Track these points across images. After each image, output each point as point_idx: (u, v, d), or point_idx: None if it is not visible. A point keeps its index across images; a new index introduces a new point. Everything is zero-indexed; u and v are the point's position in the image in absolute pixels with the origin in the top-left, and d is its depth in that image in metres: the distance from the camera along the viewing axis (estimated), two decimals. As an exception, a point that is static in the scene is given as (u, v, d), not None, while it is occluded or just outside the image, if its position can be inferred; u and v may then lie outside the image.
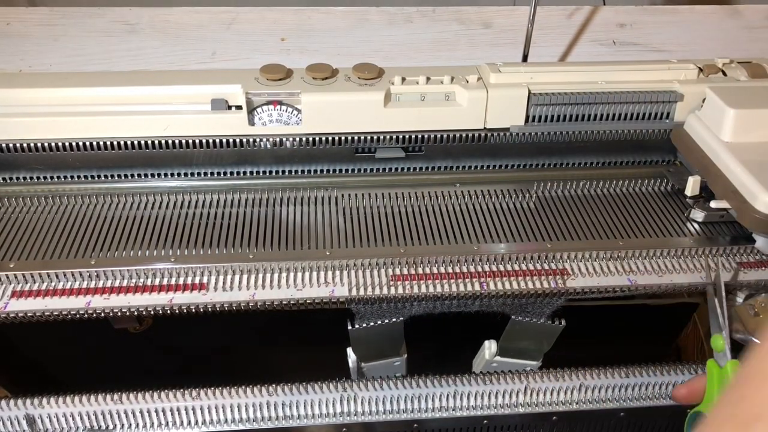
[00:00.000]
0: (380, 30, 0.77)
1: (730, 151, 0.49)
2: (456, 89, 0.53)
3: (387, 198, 0.53)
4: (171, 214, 0.51)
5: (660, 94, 0.55)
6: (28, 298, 0.44)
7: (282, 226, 0.50)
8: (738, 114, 0.50)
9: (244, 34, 0.75)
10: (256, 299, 0.44)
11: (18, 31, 0.74)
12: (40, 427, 0.43)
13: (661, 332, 0.63)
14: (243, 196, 0.53)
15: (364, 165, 0.55)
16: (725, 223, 0.50)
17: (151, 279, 0.45)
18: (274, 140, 0.53)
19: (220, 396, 0.44)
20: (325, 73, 0.53)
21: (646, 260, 0.48)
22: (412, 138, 0.54)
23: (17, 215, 0.50)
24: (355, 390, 0.45)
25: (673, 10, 0.80)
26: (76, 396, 0.44)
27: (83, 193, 0.52)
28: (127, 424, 0.44)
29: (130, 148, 0.52)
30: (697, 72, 0.55)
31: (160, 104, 0.52)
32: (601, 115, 0.55)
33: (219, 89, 0.52)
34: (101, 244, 0.48)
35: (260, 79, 0.52)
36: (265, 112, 0.52)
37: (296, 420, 0.44)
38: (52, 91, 0.51)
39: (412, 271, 0.46)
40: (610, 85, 0.54)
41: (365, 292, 0.45)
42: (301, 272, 0.46)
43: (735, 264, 0.48)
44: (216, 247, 0.48)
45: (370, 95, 0.52)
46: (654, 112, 0.55)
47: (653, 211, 0.52)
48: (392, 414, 0.45)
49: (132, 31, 0.75)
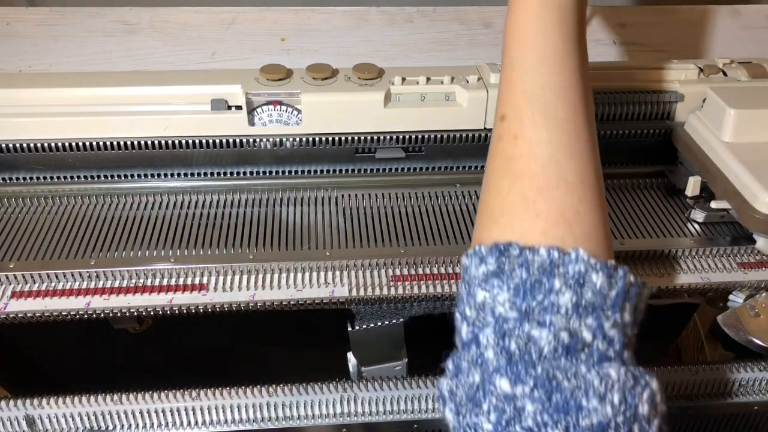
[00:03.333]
0: (380, 30, 0.77)
1: (731, 152, 0.49)
2: (456, 89, 0.53)
3: (387, 198, 0.53)
4: (171, 215, 0.51)
5: (660, 94, 0.55)
6: (27, 299, 0.44)
7: (282, 226, 0.50)
8: (739, 114, 0.50)
9: (244, 34, 0.75)
10: (256, 300, 0.44)
11: (17, 31, 0.74)
12: (39, 428, 0.43)
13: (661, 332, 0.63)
14: (243, 197, 0.53)
15: (364, 165, 0.55)
16: (726, 223, 0.50)
17: (150, 279, 0.45)
18: (274, 140, 0.53)
19: (220, 396, 0.44)
20: (325, 73, 0.53)
21: (646, 260, 0.48)
22: (412, 138, 0.54)
23: (16, 215, 0.50)
24: (356, 391, 0.45)
25: (673, 10, 0.80)
26: (76, 396, 0.44)
27: (83, 194, 0.52)
28: (127, 425, 0.44)
29: (130, 148, 0.52)
30: (698, 72, 0.55)
31: (159, 104, 0.51)
32: (601, 114, 0.55)
33: (219, 89, 0.52)
34: (101, 244, 0.48)
35: (260, 79, 0.52)
36: (265, 113, 0.52)
37: (296, 421, 0.44)
38: (52, 91, 0.51)
39: (412, 271, 0.46)
40: (610, 85, 0.54)
41: (365, 292, 0.45)
42: (301, 273, 0.46)
43: (735, 264, 0.48)
44: (216, 247, 0.48)
45: (370, 95, 0.52)
46: (654, 112, 0.55)
47: (653, 212, 0.52)
48: (392, 415, 0.45)
49: (132, 31, 0.74)
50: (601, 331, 0.30)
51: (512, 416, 0.28)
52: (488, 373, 0.29)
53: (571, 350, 0.29)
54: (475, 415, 0.29)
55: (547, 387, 0.28)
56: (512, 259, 0.30)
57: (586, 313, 0.29)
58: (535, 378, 0.28)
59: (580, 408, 0.27)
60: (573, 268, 0.29)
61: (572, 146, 0.33)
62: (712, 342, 0.53)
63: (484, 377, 0.29)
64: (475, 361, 0.30)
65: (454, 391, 0.31)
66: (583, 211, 0.32)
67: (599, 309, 0.30)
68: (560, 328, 0.29)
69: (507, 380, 0.28)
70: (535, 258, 0.30)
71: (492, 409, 0.28)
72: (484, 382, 0.29)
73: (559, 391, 0.28)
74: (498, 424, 0.28)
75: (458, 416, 0.30)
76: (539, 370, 0.28)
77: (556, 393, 0.28)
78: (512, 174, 0.33)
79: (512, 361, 0.29)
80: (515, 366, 0.29)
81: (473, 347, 0.30)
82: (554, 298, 0.29)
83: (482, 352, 0.30)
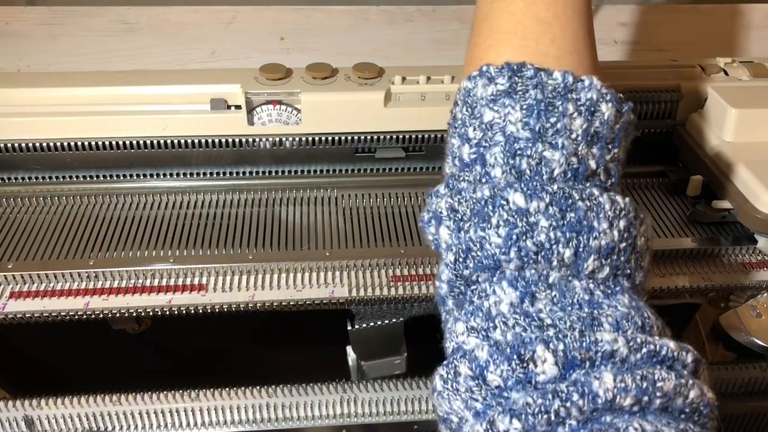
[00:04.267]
0: (380, 29, 0.76)
1: (732, 151, 0.49)
2: (456, 89, 0.52)
3: (387, 198, 0.53)
4: (170, 215, 0.51)
5: (661, 93, 0.54)
6: (26, 299, 0.44)
7: (281, 226, 0.50)
8: (740, 113, 0.50)
9: (243, 33, 0.75)
10: (255, 300, 0.44)
11: (17, 30, 0.74)
12: (38, 429, 0.43)
13: (662, 333, 0.62)
14: (242, 196, 0.53)
15: (363, 165, 0.55)
16: (727, 223, 0.50)
17: (149, 280, 0.45)
18: (273, 140, 0.52)
19: (219, 397, 0.44)
20: (324, 73, 0.52)
21: (647, 261, 0.48)
22: (412, 138, 0.53)
23: (15, 215, 0.50)
24: (355, 391, 0.45)
25: (674, 9, 0.80)
26: (75, 397, 0.43)
27: (81, 193, 0.52)
28: (126, 426, 0.43)
29: (129, 148, 0.52)
30: (699, 71, 0.55)
31: (158, 104, 0.51)
32: (602, 114, 0.55)
33: (218, 89, 0.51)
34: (100, 244, 0.47)
35: (259, 79, 0.52)
36: (264, 112, 0.52)
37: (296, 421, 0.44)
38: (51, 91, 0.51)
39: (413, 271, 0.46)
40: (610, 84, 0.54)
41: (365, 292, 0.45)
42: (300, 273, 0.46)
43: (737, 265, 0.48)
44: (215, 247, 0.47)
45: (370, 95, 0.51)
46: (655, 111, 0.55)
47: (654, 212, 0.52)
48: (392, 415, 0.44)
49: (131, 31, 0.74)
50: (603, 162, 0.30)
51: (524, 231, 0.28)
52: (499, 188, 0.29)
53: (579, 175, 0.29)
54: (481, 230, 0.29)
55: (562, 204, 0.28)
56: (525, 79, 0.30)
57: (593, 142, 0.30)
58: (551, 195, 0.28)
59: (591, 229, 0.28)
60: (585, 95, 0.30)
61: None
62: (714, 342, 0.53)
63: (495, 192, 0.29)
64: (480, 180, 0.30)
65: (456, 207, 0.30)
66: (591, 45, 0.33)
67: (603, 140, 0.30)
68: (571, 152, 0.29)
69: (522, 195, 0.28)
70: (549, 80, 0.30)
71: (502, 223, 0.28)
72: (495, 197, 0.29)
73: (573, 210, 0.28)
74: (509, 238, 0.28)
75: (459, 232, 0.30)
76: (555, 187, 0.28)
77: (570, 211, 0.28)
78: None
79: (524, 179, 0.29)
80: (529, 182, 0.29)
81: (477, 167, 0.30)
82: (567, 122, 0.29)
83: (488, 171, 0.30)
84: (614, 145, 0.31)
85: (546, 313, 0.27)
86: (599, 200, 0.28)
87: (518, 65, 0.31)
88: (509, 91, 0.30)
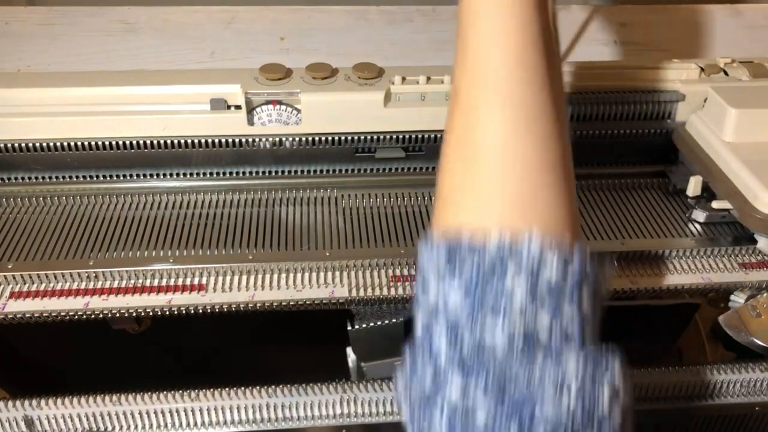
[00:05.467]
0: (380, 29, 0.76)
1: (732, 151, 0.49)
2: (456, 89, 0.52)
3: (387, 198, 0.53)
4: (170, 215, 0.51)
5: (661, 93, 0.54)
6: (26, 299, 0.44)
7: (281, 226, 0.50)
8: (740, 114, 0.50)
9: (243, 33, 0.75)
10: (255, 300, 0.44)
11: (16, 30, 0.74)
12: (38, 429, 0.43)
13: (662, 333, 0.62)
14: (242, 197, 0.53)
15: (364, 165, 0.55)
16: (727, 223, 0.50)
17: (149, 280, 0.45)
18: (273, 140, 0.52)
19: (219, 397, 0.44)
20: (324, 73, 0.52)
21: (647, 261, 0.48)
22: (412, 138, 0.53)
23: (15, 216, 0.50)
24: (356, 391, 0.45)
25: (674, 9, 0.80)
26: (75, 397, 0.43)
27: (81, 194, 0.52)
28: (126, 426, 0.43)
29: (129, 148, 0.52)
30: (699, 71, 0.55)
31: (158, 104, 0.51)
32: (602, 114, 0.55)
33: (218, 89, 0.51)
34: (99, 244, 0.47)
35: (259, 79, 0.52)
36: (264, 112, 0.52)
37: (296, 421, 0.44)
38: (51, 91, 0.51)
39: (413, 271, 0.46)
40: (610, 85, 0.54)
41: (365, 292, 0.45)
42: (300, 273, 0.46)
43: (737, 265, 0.48)
44: (215, 247, 0.47)
45: (370, 95, 0.51)
46: (655, 111, 0.55)
47: (654, 212, 0.52)
48: (393, 415, 0.44)
49: (131, 31, 0.74)
50: (559, 321, 0.28)
51: (465, 414, 0.27)
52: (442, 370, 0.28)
53: (526, 345, 0.28)
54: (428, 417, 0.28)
55: (499, 387, 0.27)
56: (463, 248, 0.29)
57: (541, 303, 0.28)
58: (486, 379, 0.27)
59: (533, 408, 0.27)
60: (526, 255, 0.28)
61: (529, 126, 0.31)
62: (714, 342, 0.53)
63: (438, 375, 0.29)
64: (427, 359, 0.29)
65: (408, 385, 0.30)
66: (540, 196, 0.30)
67: (555, 297, 0.28)
68: (514, 322, 0.28)
69: (460, 377, 0.28)
70: (486, 245, 0.28)
71: (446, 409, 0.28)
72: (437, 382, 0.28)
73: (511, 392, 0.27)
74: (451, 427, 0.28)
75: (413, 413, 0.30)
76: (492, 370, 0.28)
77: (508, 394, 0.27)
78: (466, 155, 0.31)
79: (465, 361, 0.28)
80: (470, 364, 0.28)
81: (426, 343, 0.30)
82: (508, 289, 0.28)
83: (433, 350, 0.29)
84: (571, 298, 0.28)
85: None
86: (542, 376, 0.27)
87: (455, 232, 0.29)
88: (447, 261, 0.29)
